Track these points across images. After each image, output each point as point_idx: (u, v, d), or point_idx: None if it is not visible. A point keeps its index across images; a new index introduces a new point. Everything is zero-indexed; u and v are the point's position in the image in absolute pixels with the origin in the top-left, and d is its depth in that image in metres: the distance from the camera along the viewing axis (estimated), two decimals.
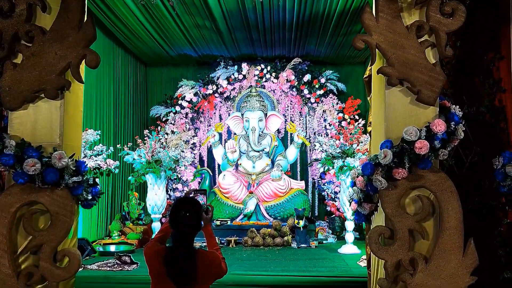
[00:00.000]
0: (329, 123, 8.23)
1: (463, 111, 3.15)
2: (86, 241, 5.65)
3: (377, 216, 3.27)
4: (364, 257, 5.25)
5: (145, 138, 6.09)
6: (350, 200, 3.53)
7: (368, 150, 3.81)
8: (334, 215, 7.75)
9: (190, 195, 2.90)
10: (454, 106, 3.10)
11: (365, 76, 3.73)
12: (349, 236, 5.98)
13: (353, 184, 3.32)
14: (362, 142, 5.87)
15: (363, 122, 7.10)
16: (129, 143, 6.34)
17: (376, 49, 3.16)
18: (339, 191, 7.76)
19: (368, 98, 3.72)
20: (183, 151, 6.36)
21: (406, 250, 2.99)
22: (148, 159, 5.89)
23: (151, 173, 5.95)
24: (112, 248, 6.03)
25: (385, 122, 3.14)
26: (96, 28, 6.13)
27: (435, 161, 3.05)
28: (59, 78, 3.14)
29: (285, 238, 6.59)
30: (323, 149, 6.00)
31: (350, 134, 6.16)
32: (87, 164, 3.20)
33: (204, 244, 6.46)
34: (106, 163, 5.14)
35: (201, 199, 2.94)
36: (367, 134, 6.06)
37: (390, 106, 3.15)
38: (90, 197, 3.33)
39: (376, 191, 3.09)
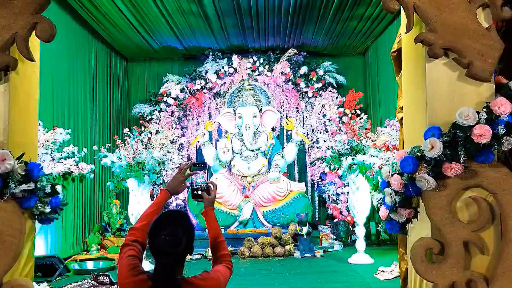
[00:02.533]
0: (328, 119, 7.56)
1: None
2: (57, 258, 4.87)
3: (417, 225, 2.58)
4: (382, 268, 4.57)
5: (125, 138, 5.32)
6: (379, 205, 2.83)
7: (399, 141, 3.12)
8: (337, 219, 7.06)
9: (187, 172, 2.18)
10: None
11: (392, 50, 3.04)
12: (360, 244, 5.30)
13: (386, 184, 2.62)
14: (370, 139, 5.18)
15: (365, 116, 6.44)
16: (107, 144, 5.56)
17: (414, 12, 2.45)
18: (342, 193, 7.12)
19: (397, 78, 3.03)
20: (169, 152, 5.59)
21: (462, 269, 2.32)
22: (129, 162, 5.13)
23: (133, 177, 5.18)
24: (90, 265, 5.29)
25: (427, 105, 2.45)
26: (69, 17, 5.18)
27: (495, 153, 2.37)
28: (1, 55, 2.38)
29: (287, 247, 5.88)
30: (328, 146, 5.28)
31: (359, 128, 5.47)
32: (42, 167, 2.45)
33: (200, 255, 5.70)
34: (78, 167, 4.37)
35: (201, 177, 2.22)
36: (385, 126, 5.35)
37: (433, 84, 2.47)
38: (48, 210, 2.58)
39: (419, 193, 2.40)
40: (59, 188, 2.72)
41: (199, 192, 2.19)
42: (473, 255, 2.36)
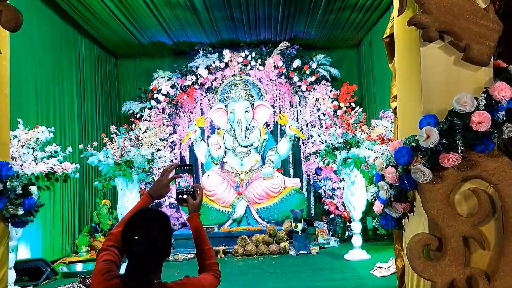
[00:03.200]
0: (323, 113, 7.41)
1: None
2: (44, 261, 4.70)
3: (413, 220, 2.43)
4: (379, 264, 4.44)
5: (112, 136, 5.15)
6: (373, 200, 2.69)
7: (393, 132, 2.97)
8: (333, 215, 6.91)
9: (171, 174, 2.04)
10: None
11: (385, 36, 2.88)
12: (357, 240, 5.16)
13: (380, 177, 2.48)
14: (365, 132, 5.03)
15: (360, 109, 6.29)
16: (94, 143, 5.39)
17: None
18: (338, 188, 6.98)
19: (390, 66, 2.88)
20: (158, 149, 5.43)
21: (461, 266, 2.18)
22: (117, 160, 4.96)
23: (121, 176, 5.02)
24: (79, 267, 5.12)
25: (423, 92, 2.30)
26: (52, 12, 5.04)
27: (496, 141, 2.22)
28: None
29: (282, 244, 5.73)
30: (322, 140, 5.12)
31: (353, 122, 5.32)
32: (11, 167, 2.28)
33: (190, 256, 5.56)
34: (61, 166, 4.19)
35: (185, 180, 2.08)
36: (380, 117, 5.20)
37: (428, 70, 2.32)
38: (21, 212, 2.42)
39: (415, 185, 2.25)
40: (33, 188, 2.56)
41: (184, 196, 2.05)
42: (473, 251, 2.23)
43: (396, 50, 2.66)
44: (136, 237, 1.68)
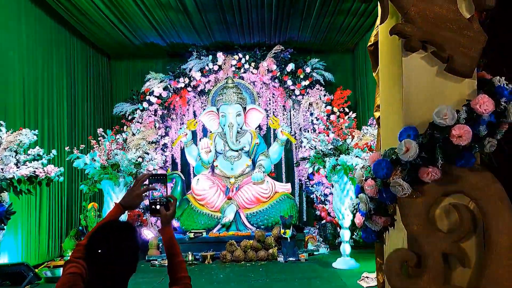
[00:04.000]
0: (316, 117, 7.34)
1: None
2: (26, 266, 4.61)
3: (393, 234, 2.37)
4: (366, 274, 4.37)
5: (99, 139, 5.08)
6: (354, 211, 2.62)
7: (376, 142, 2.91)
8: (325, 221, 6.84)
9: (145, 183, 1.98)
10: (499, 78, 2.20)
11: (369, 44, 2.82)
12: (345, 247, 5.08)
13: (359, 190, 2.41)
14: (355, 138, 4.97)
15: (354, 115, 6.23)
16: (81, 145, 5.31)
17: (389, 0, 2.24)
18: (330, 193, 6.92)
19: (374, 74, 2.81)
20: (147, 153, 5.36)
21: (440, 284, 2.12)
22: (103, 164, 4.89)
23: (107, 179, 4.95)
24: None
25: (404, 103, 2.24)
26: (42, 13, 5.02)
27: (477, 156, 2.16)
28: None
29: (270, 250, 5.66)
30: (312, 146, 5.06)
31: (341, 128, 5.28)
32: None
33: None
34: (44, 170, 4.12)
35: (159, 190, 2.01)
36: (369, 125, 5.17)
37: (410, 80, 2.25)
38: None
39: (394, 199, 2.19)
40: (4, 196, 2.48)
41: (157, 207, 1.98)
42: (453, 268, 2.16)
43: (380, 59, 2.60)
44: (100, 251, 1.62)
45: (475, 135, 2.04)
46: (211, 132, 7.26)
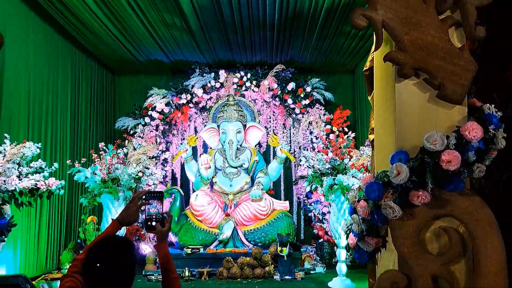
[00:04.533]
0: (315, 136, 7.42)
1: None
2: (24, 278, 4.61)
3: (385, 255, 2.42)
4: None
5: (101, 153, 5.16)
6: (347, 232, 2.67)
7: (371, 165, 2.97)
8: (322, 240, 6.86)
9: (141, 201, 2.04)
10: (488, 105, 2.28)
11: (365, 69, 2.92)
12: (341, 267, 5.10)
13: (352, 211, 2.47)
14: (354, 157, 5.04)
15: (353, 134, 6.31)
16: (82, 159, 5.39)
17: (383, 29, 2.33)
18: (328, 212, 6.95)
19: (369, 98, 2.90)
20: (147, 168, 5.43)
21: None
22: (104, 178, 4.95)
23: (107, 193, 5.00)
24: None
25: (396, 127, 2.31)
26: (50, 28, 5.11)
27: (467, 180, 2.22)
28: None
29: (267, 268, 5.67)
30: (309, 165, 5.13)
31: (339, 148, 5.36)
32: None
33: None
34: (45, 183, 4.18)
35: (154, 206, 2.09)
36: (366, 145, 5.25)
37: (402, 106, 2.33)
38: None
39: (385, 221, 2.25)
40: (6, 208, 2.54)
41: (153, 223, 2.05)
42: None
43: (375, 84, 2.69)
44: (98, 265, 1.68)
45: (464, 161, 2.11)
46: (211, 148, 7.33)
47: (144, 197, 2.08)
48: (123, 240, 1.84)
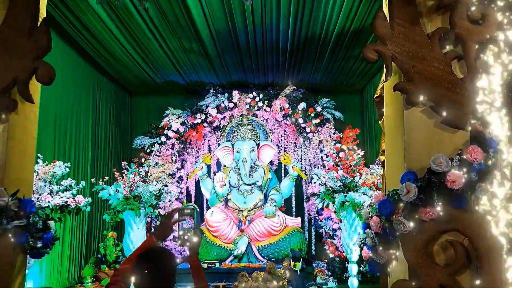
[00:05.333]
0: (326, 154, 7.65)
1: None
2: None
3: (396, 267, 2.63)
4: None
5: (123, 171, 5.44)
6: (361, 246, 2.90)
7: (382, 183, 3.21)
8: (333, 255, 7.02)
9: (174, 217, 2.27)
10: (489, 130, 2.52)
11: (375, 95, 3.19)
12: (352, 281, 5.28)
13: (366, 226, 2.70)
14: (364, 175, 5.27)
15: (362, 153, 6.54)
16: (105, 177, 5.67)
17: (392, 62, 2.60)
18: (339, 228, 7.13)
19: (380, 122, 3.16)
20: (166, 185, 5.69)
21: None
22: (126, 195, 5.23)
23: (129, 210, 5.26)
24: None
25: (405, 150, 2.56)
26: (76, 54, 5.36)
27: (470, 198, 2.45)
28: (1, 97, 2.53)
29: (280, 282, 5.84)
30: (321, 182, 5.36)
31: (349, 166, 5.60)
32: (34, 204, 2.55)
33: None
34: (75, 200, 4.47)
35: (187, 222, 2.33)
36: (376, 164, 5.48)
37: (411, 130, 2.58)
38: (40, 245, 2.66)
39: (397, 235, 2.47)
40: (51, 223, 2.81)
41: (186, 237, 2.28)
42: None
43: (385, 110, 2.95)
44: (146, 271, 1.93)
45: (467, 181, 2.35)
46: (225, 166, 7.59)
47: (178, 214, 2.33)
48: (167, 250, 2.10)
